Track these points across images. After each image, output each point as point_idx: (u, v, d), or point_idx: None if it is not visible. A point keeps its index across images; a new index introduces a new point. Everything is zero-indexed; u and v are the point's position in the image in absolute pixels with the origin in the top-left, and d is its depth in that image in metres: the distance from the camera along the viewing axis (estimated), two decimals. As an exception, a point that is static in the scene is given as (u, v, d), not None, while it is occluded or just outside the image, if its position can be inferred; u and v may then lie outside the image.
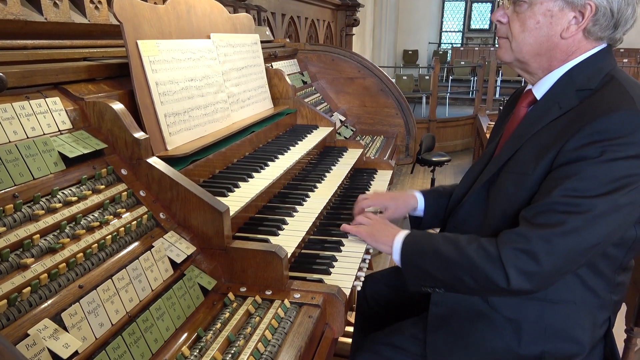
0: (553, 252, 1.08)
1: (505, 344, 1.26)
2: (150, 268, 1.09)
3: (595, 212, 1.06)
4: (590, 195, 1.07)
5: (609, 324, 1.27)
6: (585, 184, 1.07)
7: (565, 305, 1.22)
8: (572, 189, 1.08)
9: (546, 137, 1.17)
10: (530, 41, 1.21)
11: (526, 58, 1.25)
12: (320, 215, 1.67)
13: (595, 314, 1.24)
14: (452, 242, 1.21)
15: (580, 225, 1.07)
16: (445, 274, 1.21)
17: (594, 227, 1.07)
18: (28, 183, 1.03)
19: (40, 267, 0.91)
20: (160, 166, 1.28)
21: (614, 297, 1.25)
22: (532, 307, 1.23)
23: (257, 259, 1.25)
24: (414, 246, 1.29)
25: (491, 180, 1.30)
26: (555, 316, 1.22)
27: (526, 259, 1.10)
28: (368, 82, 3.26)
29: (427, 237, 1.28)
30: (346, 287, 1.28)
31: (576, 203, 1.07)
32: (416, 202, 1.60)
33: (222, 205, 1.26)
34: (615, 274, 1.22)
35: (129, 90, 1.45)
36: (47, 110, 1.17)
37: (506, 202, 1.22)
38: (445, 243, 1.22)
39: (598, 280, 1.21)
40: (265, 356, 1.01)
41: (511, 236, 1.13)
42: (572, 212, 1.08)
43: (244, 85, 2.12)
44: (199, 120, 1.71)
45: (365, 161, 2.43)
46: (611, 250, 1.18)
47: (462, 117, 8.84)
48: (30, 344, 0.78)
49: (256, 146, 2.02)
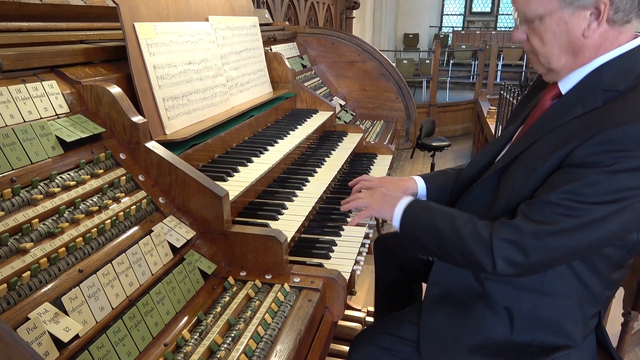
0: (542, 249, 1.10)
1: (498, 329, 1.28)
2: (150, 252, 1.09)
3: (590, 218, 1.07)
4: (590, 202, 1.07)
5: (599, 317, 1.28)
6: (588, 190, 1.07)
7: (560, 299, 1.23)
8: (574, 193, 1.08)
9: (562, 135, 1.15)
10: (555, 52, 1.18)
11: (557, 67, 1.21)
12: (320, 199, 1.67)
13: (587, 308, 1.25)
14: (449, 219, 1.23)
15: (574, 227, 1.08)
16: (439, 248, 1.24)
17: (586, 232, 1.08)
18: (26, 167, 1.02)
19: (39, 251, 0.91)
20: (159, 150, 1.28)
21: (607, 292, 1.26)
22: (526, 297, 1.25)
23: (257, 243, 1.25)
24: (413, 218, 1.31)
25: (504, 169, 1.29)
26: (549, 308, 1.24)
27: (515, 251, 1.12)
28: (368, 66, 3.23)
29: (427, 210, 1.30)
30: (346, 271, 1.29)
31: (574, 207, 1.08)
32: (416, 187, 1.59)
33: (222, 190, 1.26)
34: (610, 271, 1.23)
35: (126, 73, 1.44)
36: (44, 94, 1.16)
37: (512, 194, 1.22)
38: (442, 219, 1.24)
39: (593, 277, 1.22)
40: (265, 339, 1.02)
41: (505, 227, 1.14)
42: (569, 215, 1.08)
43: (243, 69, 2.10)
44: (198, 104, 1.70)
45: (365, 146, 2.43)
46: (609, 251, 1.18)
47: (462, 102, 8.79)
48: (31, 328, 0.78)
49: (255, 130, 2.01)
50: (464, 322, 1.31)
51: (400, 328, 1.40)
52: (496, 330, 1.28)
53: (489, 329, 1.28)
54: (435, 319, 1.35)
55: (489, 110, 6.73)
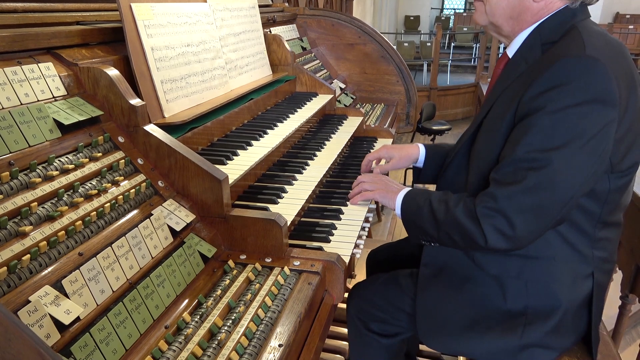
0: (520, 210, 1.10)
1: (491, 301, 1.29)
2: (150, 236, 1.09)
3: (553, 167, 1.07)
4: (545, 148, 1.07)
5: (593, 281, 1.26)
6: (540, 137, 1.08)
7: (546, 261, 1.24)
8: (529, 144, 1.09)
9: (512, 93, 1.19)
10: (503, 5, 1.23)
11: (499, 22, 1.27)
12: (320, 183, 1.67)
13: (576, 269, 1.25)
14: (443, 203, 1.25)
15: (541, 180, 1.08)
16: (438, 231, 1.26)
17: (554, 181, 1.08)
18: (24, 150, 1.01)
19: (39, 234, 0.91)
20: (158, 134, 1.27)
21: (597, 252, 1.25)
22: (513, 263, 1.26)
23: (257, 227, 1.25)
24: (412, 204, 1.33)
25: (471, 140, 1.33)
26: (535, 271, 1.25)
27: (499, 218, 1.12)
28: (368, 49, 3.20)
29: (423, 197, 1.32)
30: (345, 254, 1.29)
31: (534, 158, 1.09)
32: (418, 153, 1.64)
33: (221, 174, 1.25)
34: (596, 229, 1.22)
35: (123, 55, 1.42)
36: (40, 76, 1.14)
37: (482, 162, 1.25)
38: (437, 204, 1.26)
39: (577, 235, 1.22)
40: (265, 322, 1.02)
41: (484, 197, 1.16)
42: (532, 168, 1.09)
43: (242, 51, 2.08)
44: (197, 87, 1.68)
45: (365, 129, 2.41)
46: (586, 203, 1.18)
47: (463, 85, 8.73)
48: (31, 310, 0.79)
49: (255, 114, 2.00)
50: (458, 298, 1.33)
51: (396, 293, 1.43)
52: (490, 301, 1.30)
53: (482, 301, 1.30)
54: (430, 299, 1.37)
55: (490, 93, 6.67)
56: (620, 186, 1.20)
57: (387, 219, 4.04)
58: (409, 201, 1.34)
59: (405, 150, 1.65)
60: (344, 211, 1.53)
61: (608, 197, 1.19)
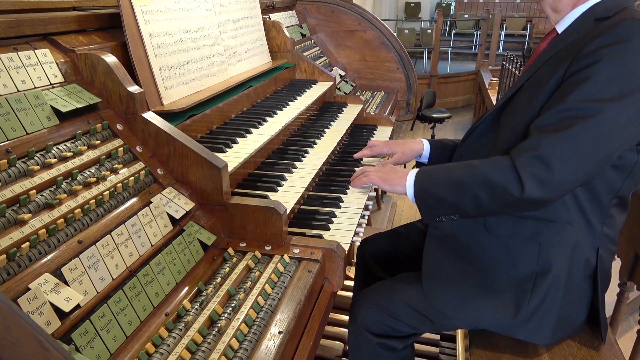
0: (561, 156, 1.09)
1: (499, 266, 1.28)
2: (149, 224, 1.09)
3: (604, 116, 1.07)
4: (600, 98, 1.08)
5: (597, 256, 1.27)
6: (594, 88, 1.08)
7: (560, 225, 1.23)
8: (584, 93, 1.09)
9: (562, 56, 1.18)
10: None
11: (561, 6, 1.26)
12: (320, 171, 1.67)
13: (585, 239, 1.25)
14: (464, 165, 1.23)
15: (589, 128, 1.08)
16: (460, 195, 1.21)
17: (602, 132, 1.08)
18: (21, 138, 1.00)
19: (38, 222, 0.91)
20: (156, 121, 1.26)
21: (605, 229, 1.26)
22: (527, 224, 1.25)
23: (257, 215, 1.25)
24: (427, 176, 1.29)
25: (504, 105, 1.31)
26: (550, 234, 1.24)
27: (539, 165, 1.10)
28: (369, 35, 3.17)
29: (439, 167, 1.30)
30: (345, 242, 1.29)
31: (586, 107, 1.08)
32: (422, 148, 1.63)
33: (220, 161, 1.25)
34: (611, 203, 1.23)
35: (121, 42, 1.40)
36: (37, 63, 1.13)
37: (519, 118, 1.22)
38: (457, 167, 1.24)
39: (592, 204, 1.22)
40: (265, 309, 1.03)
41: (523, 146, 1.14)
42: (580, 117, 1.08)
43: (240, 38, 2.05)
44: (195, 74, 1.67)
45: (365, 117, 2.40)
46: (610, 173, 1.19)
47: (464, 73, 8.67)
48: (31, 298, 0.79)
49: (254, 101, 1.99)
50: (464, 263, 1.32)
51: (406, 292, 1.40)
52: (497, 266, 1.29)
53: (490, 266, 1.29)
54: (437, 261, 1.36)
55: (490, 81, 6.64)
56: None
57: (387, 207, 4.05)
58: (422, 177, 1.30)
59: (409, 146, 1.64)
60: (343, 199, 1.53)
61: (633, 170, 1.19)
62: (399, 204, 4.31)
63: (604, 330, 1.32)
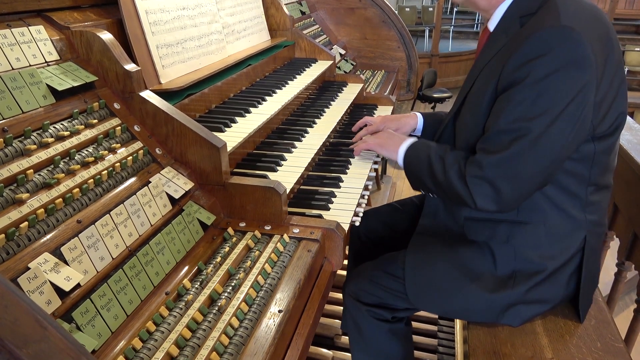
0: (505, 177, 1.15)
1: (481, 265, 1.32)
2: (149, 203, 1.09)
3: (534, 134, 1.11)
4: (526, 118, 1.11)
5: (585, 243, 1.28)
6: (521, 108, 1.12)
7: (534, 226, 1.27)
8: (511, 114, 1.13)
9: (494, 66, 1.22)
10: None
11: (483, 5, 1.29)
12: (319, 151, 1.66)
13: (567, 233, 1.28)
14: (441, 161, 1.29)
15: (524, 147, 1.12)
16: (435, 185, 1.31)
17: (535, 147, 1.12)
18: (17, 117, 0.99)
19: (36, 202, 0.90)
20: (154, 100, 1.24)
21: (589, 216, 1.28)
22: (502, 229, 1.30)
23: (256, 194, 1.24)
24: (414, 157, 1.39)
25: (456, 114, 1.37)
26: (524, 236, 1.28)
27: (486, 186, 1.17)
28: (369, 13, 3.11)
29: (425, 151, 1.36)
30: (345, 222, 1.29)
31: (517, 128, 1.13)
32: (416, 122, 1.67)
33: (219, 141, 1.24)
34: (587, 192, 1.25)
35: (117, 19, 1.38)
36: (32, 40, 1.11)
37: (468, 134, 1.28)
38: (436, 161, 1.30)
39: (568, 199, 1.25)
40: (265, 288, 1.03)
41: (471, 165, 1.20)
42: (515, 137, 1.13)
43: (239, 15, 2.02)
44: (193, 52, 1.64)
45: (366, 96, 2.38)
46: (574, 167, 1.21)
47: (465, 52, 8.57)
48: (31, 277, 0.79)
49: (253, 80, 1.96)
50: (448, 261, 1.35)
51: (395, 267, 1.44)
52: (479, 265, 1.32)
53: (472, 265, 1.33)
54: (419, 259, 1.39)
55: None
56: (606, 147, 1.22)
57: (387, 187, 4.05)
58: (411, 154, 1.39)
59: (404, 120, 1.66)
60: (343, 179, 1.52)
61: (595, 159, 1.21)
62: (398, 184, 4.31)
63: (583, 309, 1.33)
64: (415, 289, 1.38)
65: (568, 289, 1.32)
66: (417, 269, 1.38)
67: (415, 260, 1.39)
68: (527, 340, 1.30)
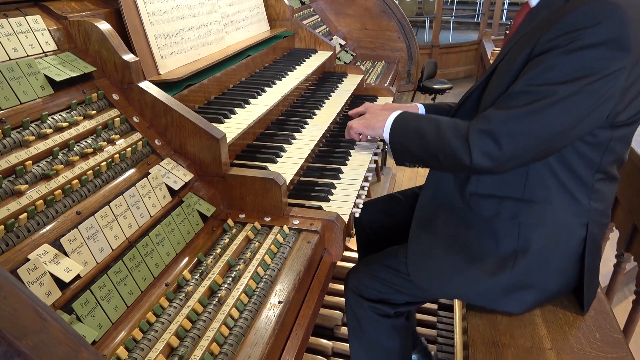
0: (510, 134, 1.13)
1: (482, 244, 1.32)
2: (148, 195, 1.08)
3: (554, 98, 1.10)
4: (550, 83, 1.10)
5: (587, 231, 1.28)
6: (549, 73, 1.11)
7: (541, 205, 1.26)
8: (535, 77, 1.12)
9: (530, 37, 1.19)
10: None
11: None
12: (319, 142, 1.65)
13: (571, 217, 1.27)
14: (434, 122, 1.27)
15: (537, 109, 1.11)
16: (423, 150, 1.29)
17: (551, 112, 1.11)
18: (15, 108, 0.99)
19: (35, 193, 0.90)
20: (153, 91, 1.24)
21: (593, 204, 1.27)
22: (508, 205, 1.28)
23: (256, 186, 1.24)
24: (401, 125, 1.37)
25: (483, 86, 1.34)
26: (529, 214, 1.27)
27: (488, 140, 1.15)
28: (369, 3, 3.09)
29: (415, 118, 1.35)
30: (345, 213, 1.29)
31: (538, 90, 1.11)
32: (417, 112, 1.63)
33: (219, 132, 1.23)
34: (594, 178, 1.24)
35: (115, 9, 1.36)
36: (29, 30, 1.10)
37: (491, 99, 1.26)
38: (428, 123, 1.28)
39: (575, 182, 1.24)
40: (265, 280, 1.03)
41: (479, 119, 1.19)
42: (533, 98, 1.12)
43: (238, 5, 2.00)
44: (192, 43, 1.63)
45: (366, 87, 2.37)
46: (586, 150, 1.20)
47: (466, 43, 8.51)
48: (31, 268, 0.79)
49: (252, 71, 1.95)
50: (449, 242, 1.35)
51: (396, 262, 1.43)
52: (481, 245, 1.32)
53: (474, 244, 1.32)
54: (422, 242, 1.39)
55: (492, 51, 6.52)
56: (622, 136, 1.21)
57: (387, 179, 4.04)
58: (398, 123, 1.37)
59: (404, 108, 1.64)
60: (343, 171, 1.52)
61: (609, 146, 1.20)
62: (398, 175, 4.31)
63: (587, 300, 1.33)
64: (419, 272, 1.38)
65: (568, 278, 1.32)
66: (419, 258, 1.38)
67: (417, 252, 1.39)
68: (526, 330, 1.30)
